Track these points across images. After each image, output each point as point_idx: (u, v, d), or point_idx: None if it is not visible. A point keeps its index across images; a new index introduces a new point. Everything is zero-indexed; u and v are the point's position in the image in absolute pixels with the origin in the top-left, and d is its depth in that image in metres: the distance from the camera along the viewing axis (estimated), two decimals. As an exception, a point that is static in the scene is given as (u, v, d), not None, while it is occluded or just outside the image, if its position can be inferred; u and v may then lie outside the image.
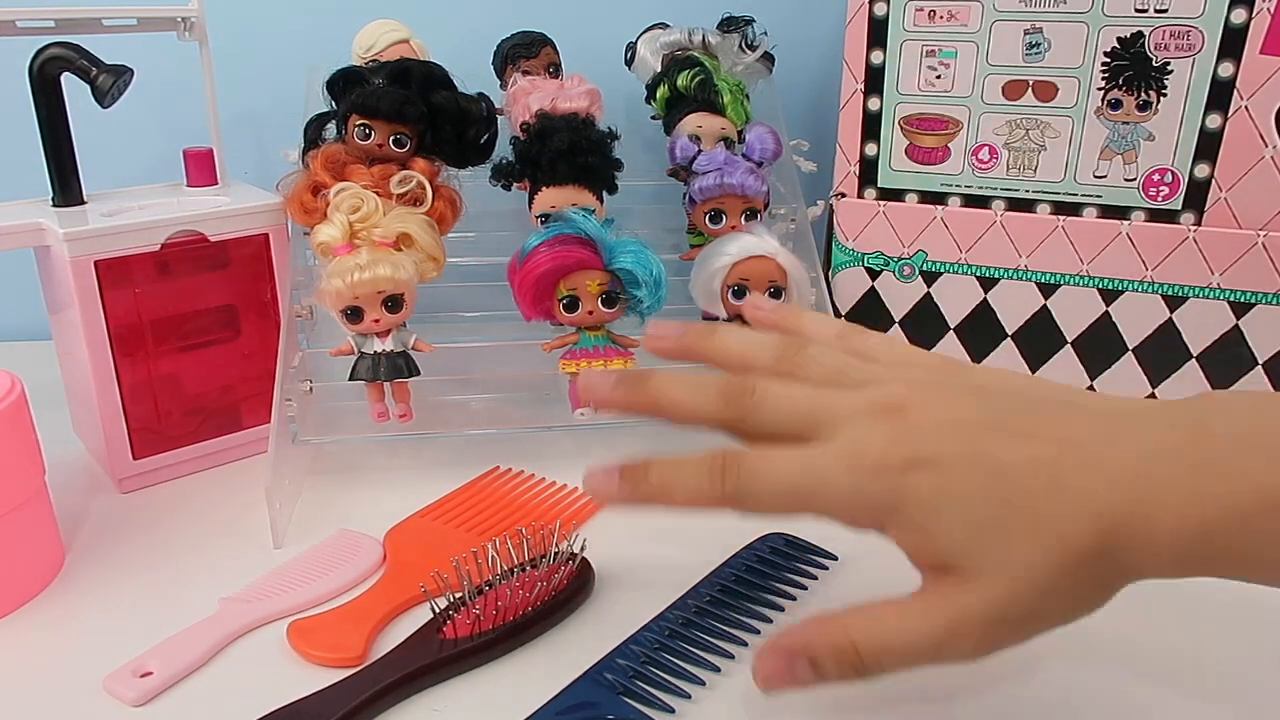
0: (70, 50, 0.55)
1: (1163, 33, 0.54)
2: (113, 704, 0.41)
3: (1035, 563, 0.29)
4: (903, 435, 0.31)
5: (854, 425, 0.32)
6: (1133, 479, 0.29)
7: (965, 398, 0.32)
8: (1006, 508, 0.29)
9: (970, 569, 0.30)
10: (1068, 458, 0.30)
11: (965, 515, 0.30)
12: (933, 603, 0.31)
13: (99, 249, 0.54)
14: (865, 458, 0.31)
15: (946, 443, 0.31)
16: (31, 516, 0.48)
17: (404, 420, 0.56)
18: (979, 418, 0.31)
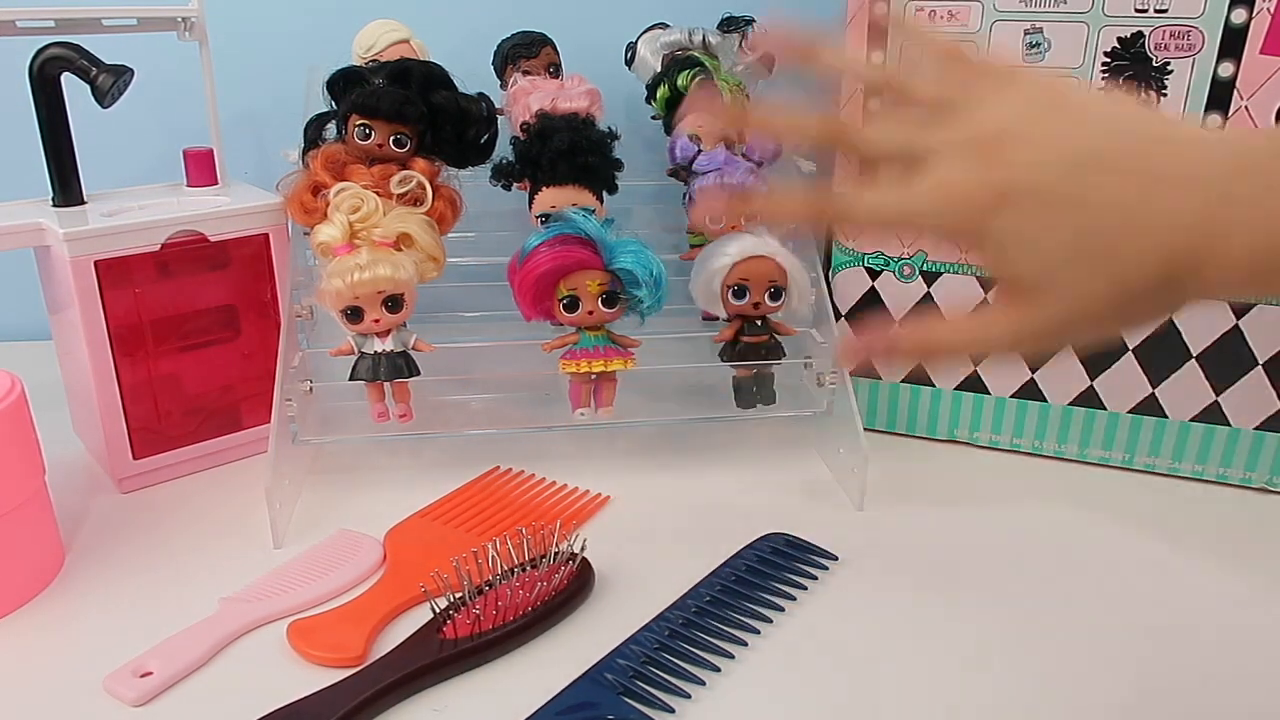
0: (70, 50, 0.55)
1: (1163, 33, 0.54)
2: (113, 704, 0.41)
3: (1099, 293, 0.31)
4: (992, 173, 0.32)
5: (949, 161, 0.34)
6: (1210, 209, 0.30)
7: (1059, 128, 0.33)
8: (1081, 245, 0.31)
9: (1038, 292, 0.32)
10: (1149, 195, 0.31)
11: (1042, 250, 0.32)
12: (1003, 313, 0.34)
13: (99, 249, 0.54)
14: (954, 194, 0.33)
15: (1033, 181, 0.32)
16: (31, 517, 0.48)
17: (404, 420, 0.56)
18: (1070, 153, 0.32)
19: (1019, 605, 0.48)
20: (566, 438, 0.65)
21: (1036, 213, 0.32)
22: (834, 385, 0.59)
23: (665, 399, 0.67)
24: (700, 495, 0.58)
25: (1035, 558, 0.52)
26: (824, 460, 0.62)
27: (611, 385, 0.58)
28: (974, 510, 0.57)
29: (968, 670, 0.43)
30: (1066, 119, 0.33)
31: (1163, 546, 0.53)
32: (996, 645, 0.45)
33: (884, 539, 0.54)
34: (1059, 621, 0.47)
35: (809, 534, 0.52)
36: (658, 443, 0.64)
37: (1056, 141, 0.33)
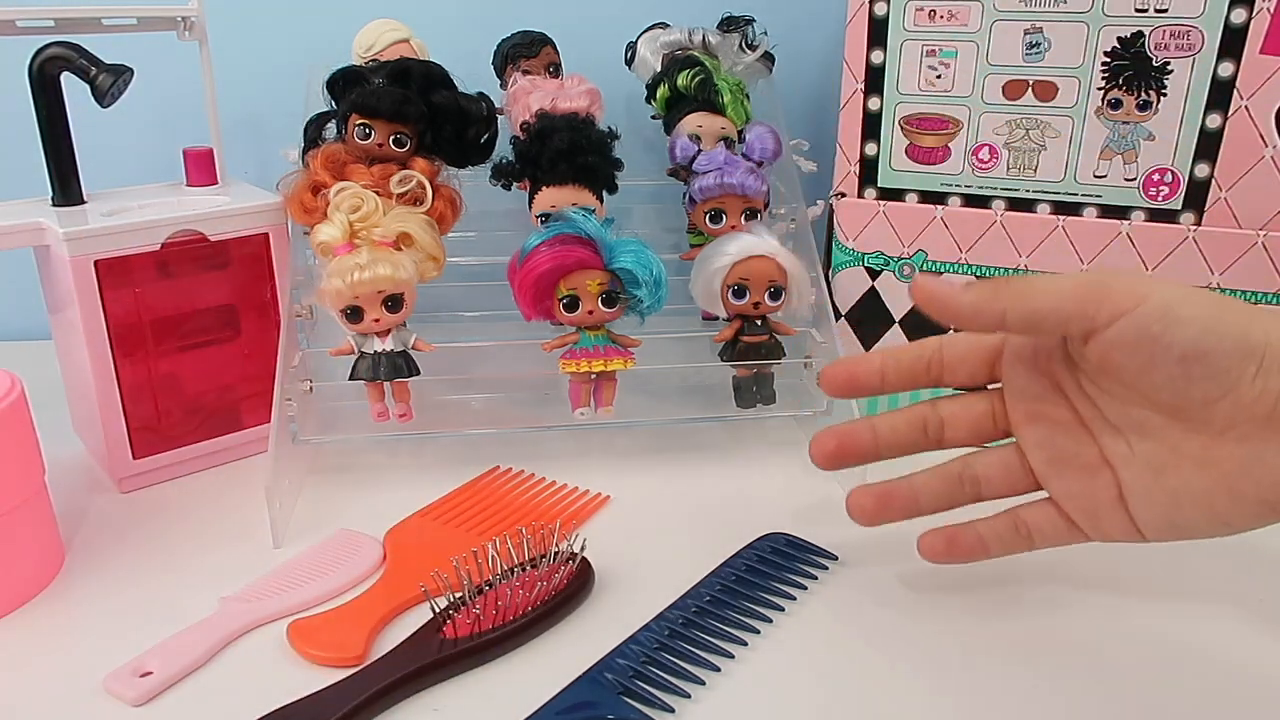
0: (70, 50, 0.55)
1: (1163, 32, 0.54)
2: (113, 704, 0.41)
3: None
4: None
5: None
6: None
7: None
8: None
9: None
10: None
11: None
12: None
13: (99, 249, 0.54)
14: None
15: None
16: (31, 516, 0.48)
17: (404, 420, 0.56)
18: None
19: (1019, 605, 0.48)
20: (566, 437, 0.65)
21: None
22: (834, 385, 0.59)
23: (665, 399, 0.67)
24: (700, 495, 0.58)
25: (1035, 558, 0.52)
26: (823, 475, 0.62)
27: (611, 385, 0.58)
28: (973, 510, 0.57)
29: (968, 671, 0.43)
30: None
31: (1163, 547, 0.53)
32: (997, 646, 0.45)
33: (884, 539, 0.53)
34: (1060, 621, 0.47)
35: (809, 534, 0.52)
36: (658, 442, 0.64)
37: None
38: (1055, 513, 0.40)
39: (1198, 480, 0.36)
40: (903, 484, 0.43)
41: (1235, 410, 0.35)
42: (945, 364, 0.41)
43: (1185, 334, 0.34)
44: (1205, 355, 0.34)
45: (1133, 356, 0.35)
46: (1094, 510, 0.39)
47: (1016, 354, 0.39)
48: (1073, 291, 0.36)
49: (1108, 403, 0.37)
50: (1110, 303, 0.35)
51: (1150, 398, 0.36)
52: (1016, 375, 0.40)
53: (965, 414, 0.42)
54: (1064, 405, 0.38)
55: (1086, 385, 0.38)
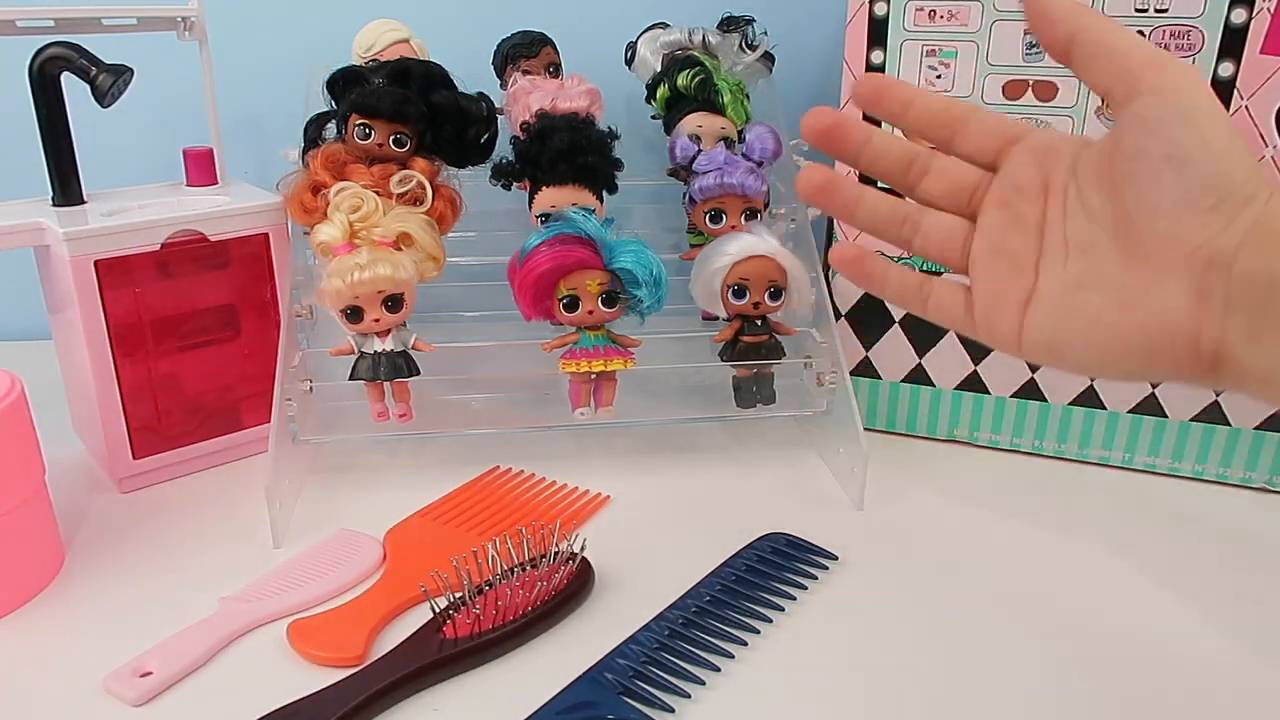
0: (70, 50, 0.55)
1: (1163, 33, 0.54)
2: (113, 703, 0.41)
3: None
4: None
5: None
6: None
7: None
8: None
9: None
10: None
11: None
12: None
13: (99, 249, 0.54)
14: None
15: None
16: (31, 516, 0.48)
17: (404, 420, 0.56)
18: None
19: (1019, 605, 0.48)
20: (566, 437, 0.65)
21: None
22: (834, 385, 0.59)
23: (665, 399, 0.67)
24: (700, 495, 0.58)
25: (1035, 558, 0.52)
26: (824, 460, 0.62)
27: (611, 385, 0.58)
28: (974, 510, 0.57)
29: (967, 670, 0.43)
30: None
31: (1163, 546, 0.53)
32: (996, 645, 0.45)
33: (884, 539, 0.54)
34: (1059, 621, 0.47)
35: (809, 534, 0.52)
36: (658, 442, 0.64)
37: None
38: (962, 295, 0.41)
39: (1096, 300, 0.37)
40: (855, 187, 0.43)
41: (1168, 234, 0.35)
42: (969, 126, 0.41)
43: (1186, 136, 0.34)
44: (1184, 163, 0.34)
45: (1137, 135, 0.35)
46: (996, 306, 0.39)
47: (1035, 146, 0.40)
48: (1143, 52, 0.36)
49: (1077, 217, 0.38)
50: (1161, 74, 0.35)
51: (1115, 205, 0.36)
52: (1020, 163, 0.40)
53: (953, 173, 0.41)
54: (1038, 206, 0.39)
55: (1071, 195, 0.38)
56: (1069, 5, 0.38)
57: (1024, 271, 0.39)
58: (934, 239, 0.42)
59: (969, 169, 0.41)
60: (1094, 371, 0.38)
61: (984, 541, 0.54)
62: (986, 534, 0.54)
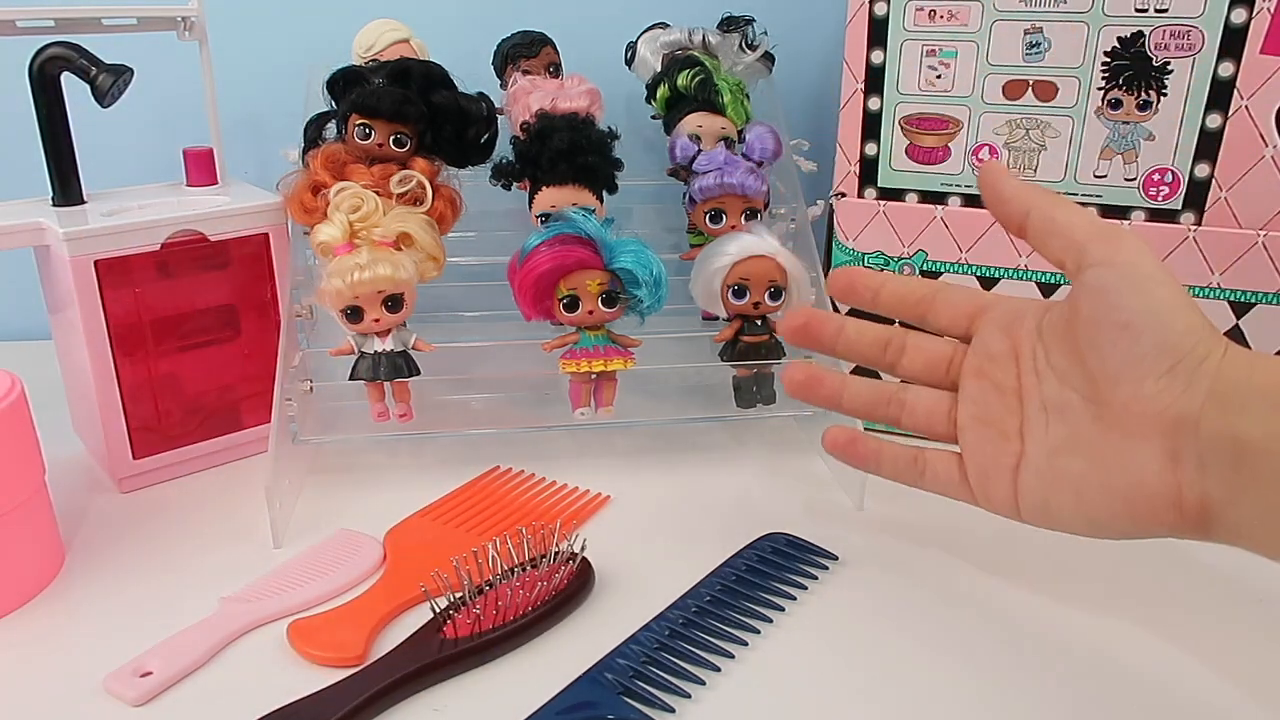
0: (70, 50, 0.55)
1: (1163, 32, 0.54)
2: (113, 704, 0.41)
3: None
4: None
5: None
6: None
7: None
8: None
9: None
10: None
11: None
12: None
13: (99, 249, 0.54)
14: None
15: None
16: (31, 516, 0.48)
17: (404, 420, 0.56)
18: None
19: (1019, 606, 0.48)
20: (566, 437, 0.65)
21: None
22: (834, 385, 0.59)
23: (665, 399, 0.67)
24: (700, 495, 0.58)
25: (1036, 557, 0.52)
26: (824, 460, 0.62)
27: (612, 385, 0.58)
28: (974, 510, 0.57)
29: (966, 671, 0.43)
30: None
31: (1163, 547, 0.53)
32: (995, 647, 0.45)
33: (884, 539, 0.54)
34: (1060, 623, 0.47)
35: (809, 534, 0.52)
36: (658, 442, 0.64)
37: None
38: (955, 464, 0.42)
39: (1079, 465, 0.38)
40: (835, 376, 0.46)
41: (1132, 398, 0.36)
42: (937, 304, 0.43)
43: (1137, 304, 0.36)
44: (1138, 331, 0.35)
45: (1091, 304, 0.37)
46: (989, 473, 0.41)
47: (1000, 314, 0.42)
48: (1088, 226, 0.38)
49: (1049, 380, 0.39)
50: (1108, 248, 0.37)
51: (1082, 370, 0.38)
52: (989, 332, 0.42)
53: (928, 349, 0.44)
54: (1013, 372, 0.40)
55: (1040, 358, 0.40)
56: (1018, 187, 0.40)
57: (1010, 438, 0.40)
58: (919, 413, 0.44)
59: (943, 343, 0.44)
60: (1090, 534, 0.39)
61: (984, 542, 0.54)
62: (986, 535, 0.54)
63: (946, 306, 0.43)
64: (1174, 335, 0.35)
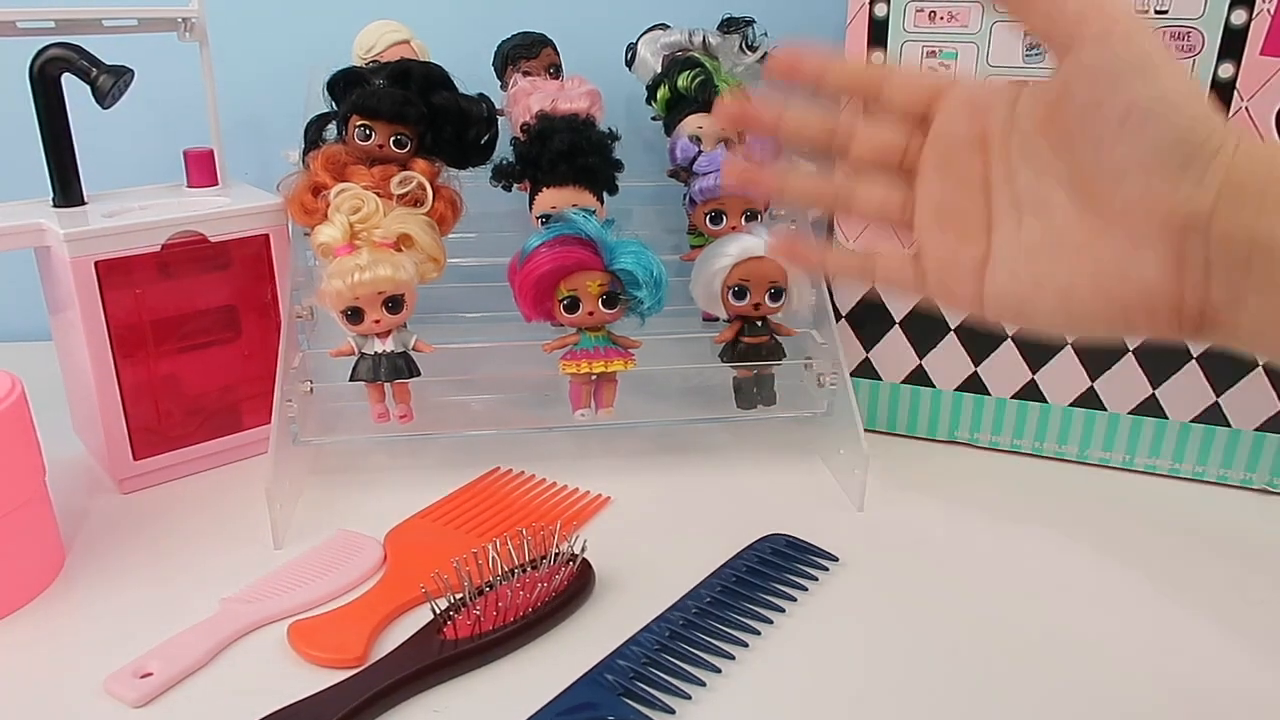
0: (70, 51, 0.55)
1: (1162, 34, 0.54)
2: (113, 705, 0.41)
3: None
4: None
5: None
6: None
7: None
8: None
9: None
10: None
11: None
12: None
13: (99, 249, 0.54)
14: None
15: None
16: (32, 517, 0.48)
17: (404, 421, 0.56)
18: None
19: (1019, 607, 0.48)
20: (567, 438, 0.65)
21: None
22: (834, 386, 0.59)
23: (666, 400, 0.67)
24: (700, 496, 0.58)
25: (1035, 559, 0.52)
26: (824, 461, 0.62)
27: (612, 386, 0.58)
28: (974, 511, 0.57)
29: (968, 672, 0.43)
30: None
31: (1163, 548, 0.53)
32: (997, 647, 0.45)
33: (884, 540, 0.54)
34: (1060, 623, 0.47)
35: (809, 535, 0.52)
36: (658, 444, 0.64)
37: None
38: (910, 263, 0.39)
39: (1066, 268, 0.34)
40: (780, 166, 0.42)
41: (1138, 198, 0.32)
42: (891, 82, 0.39)
43: (1146, 90, 0.31)
44: (1146, 119, 0.31)
45: (1088, 89, 0.32)
46: (948, 271, 0.37)
47: (963, 98, 0.37)
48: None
49: (1024, 172, 0.35)
50: (1099, 17, 0.32)
51: (1069, 162, 0.34)
52: (951, 119, 0.37)
53: (881, 134, 0.39)
54: (978, 162, 0.36)
55: (1014, 148, 0.35)
56: None
57: (973, 236, 0.36)
58: (871, 204, 0.40)
59: (894, 130, 0.39)
60: (1064, 333, 0.36)
61: (984, 543, 0.54)
62: (987, 535, 0.54)
63: (902, 85, 0.38)
64: (1185, 126, 0.31)
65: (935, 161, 0.38)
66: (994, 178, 0.36)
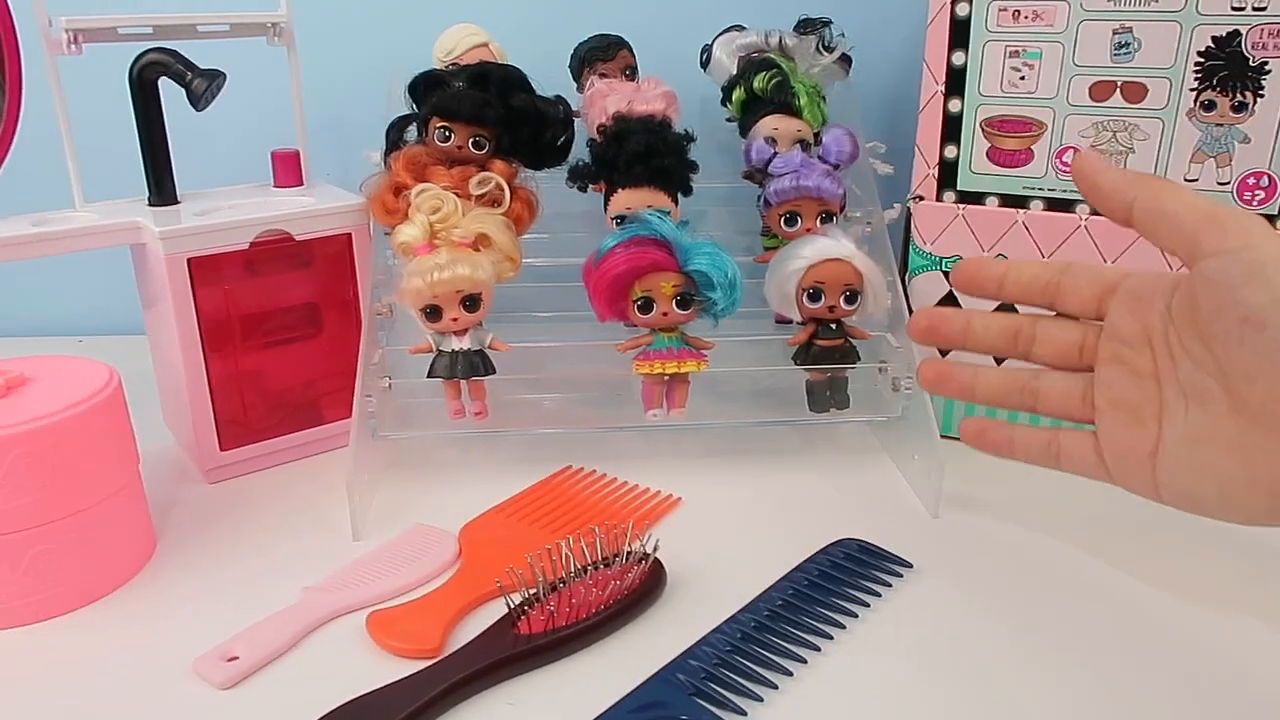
0: (167, 55, 0.57)
1: (1260, 31, 0.52)
2: (201, 686, 0.42)
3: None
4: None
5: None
6: None
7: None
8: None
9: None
10: None
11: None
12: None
13: (192, 247, 0.56)
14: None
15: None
16: (126, 504, 0.50)
17: (479, 418, 0.57)
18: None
19: (1101, 617, 0.47)
20: (638, 438, 0.65)
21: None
22: (909, 390, 0.59)
23: (737, 401, 0.67)
24: (772, 499, 0.58)
25: (1118, 568, 0.51)
26: (898, 466, 0.61)
27: (684, 387, 0.58)
28: (1053, 519, 0.55)
29: (1045, 685, 0.42)
30: None
31: (1255, 553, 0.51)
32: (1076, 660, 0.44)
33: (960, 548, 0.53)
34: (1145, 633, 0.45)
35: (882, 541, 0.52)
36: (729, 445, 0.64)
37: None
38: (1091, 447, 0.41)
39: (1224, 460, 0.36)
40: (967, 369, 0.44)
41: (1269, 397, 0.34)
42: (1064, 287, 0.41)
43: (1257, 297, 0.33)
44: (1263, 326, 0.33)
45: (1209, 297, 0.35)
46: (1126, 457, 0.39)
47: (1129, 294, 0.39)
48: (1196, 213, 0.35)
49: (1185, 363, 0.37)
50: (1219, 234, 0.34)
51: (1217, 357, 0.36)
52: (1120, 314, 0.40)
53: (1059, 336, 0.42)
54: (1148, 355, 0.38)
55: (1174, 341, 0.37)
56: (1116, 177, 0.38)
57: (1147, 423, 0.38)
58: (1054, 399, 0.42)
59: (1073, 327, 0.42)
60: (1236, 521, 0.37)
61: (1064, 552, 0.52)
62: (1066, 544, 0.53)
63: (1073, 291, 0.41)
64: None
65: (1109, 356, 0.40)
66: (1161, 369, 0.38)
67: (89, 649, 0.45)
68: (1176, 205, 0.36)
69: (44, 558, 0.46)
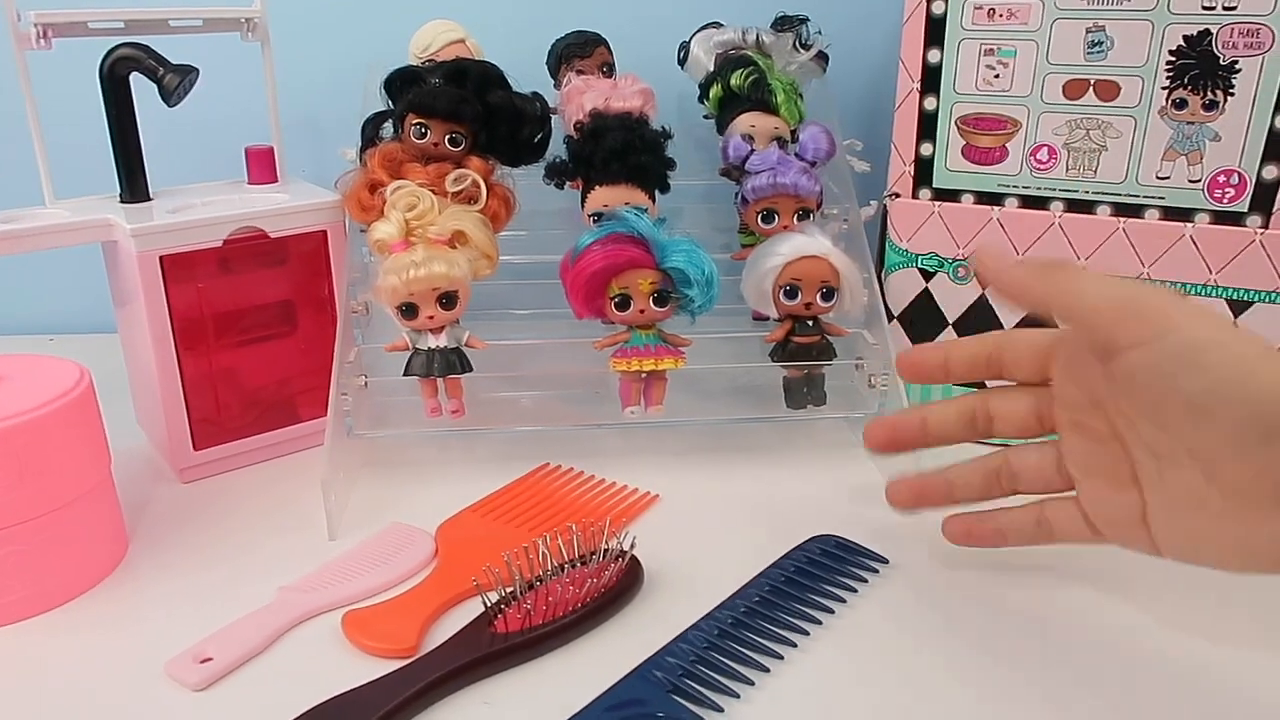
0: (139, 50, 0.57)
1: (1231, 30, 0.53)
2: (174, 688, 0.42)
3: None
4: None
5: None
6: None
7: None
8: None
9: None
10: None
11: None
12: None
13: (164, 244, 0.55)
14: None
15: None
16: (98, 504, 0.50)
17: (456, 416, 0.57)
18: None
19: (1075, 612, 0.47)
20: (615, 435, 0.65)
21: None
22: (885, 387, 0.59)
23: (715, 398, 0.67)
24: (749, 495, 0.58)
25: (1092, 562, 0.51)
26: (875, 463, 0.61)
27: (662, 384, 0.58)
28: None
29: (1019, 678, 0.43)
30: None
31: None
32: (1050, 653, 0.44)
33: (935, 543, 0.53)
34: (1119, 627, 0.46)
35: (859, 537, 0.52)
36: (707, 442, 0.64)
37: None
38: (1080, 514, 0.40)
39: (1207, 524, 0.34)
40: (939, 477, 0.44)
41: (1237, 475, 0.32)
42: (1004, 359, 0.41)
43: (1196, 384, 0.32)
44: (1210, 413, 0.32)
45: (1147, 389, 0.33)
46: (1118, 524, 0.38)
47: (1066, 360, 0.38)
48: (1108, 304, 0.34)
49: (1142, 424, 0.35)
50: (1136, 325, 0.33)
51: (1174, 438, 0.34)
52: (1063, 383, 0.39)
53: (1013, 411, 0.42)
54: (1102, 420, 0.37)
55: (1124, 404, 0.36)
56: (1016, 278, 0.37)
57: (1125, 486, 0.37)
58: (1032, 475, 0.41)
59: (1026, 399, 0.41)
60: (1242, 572, 0.35)
61: (1039, 547, 0.53)
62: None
63: (1014, 363, 0.41)
64: (1252, 403, 0.31)
65: (1067, 422, 0.39)
66: (1122, 430, 0.36)
67: (60, 652, 0.45)
68: (1085, 302, 0.34)
69: (13, 559, 0.46)
